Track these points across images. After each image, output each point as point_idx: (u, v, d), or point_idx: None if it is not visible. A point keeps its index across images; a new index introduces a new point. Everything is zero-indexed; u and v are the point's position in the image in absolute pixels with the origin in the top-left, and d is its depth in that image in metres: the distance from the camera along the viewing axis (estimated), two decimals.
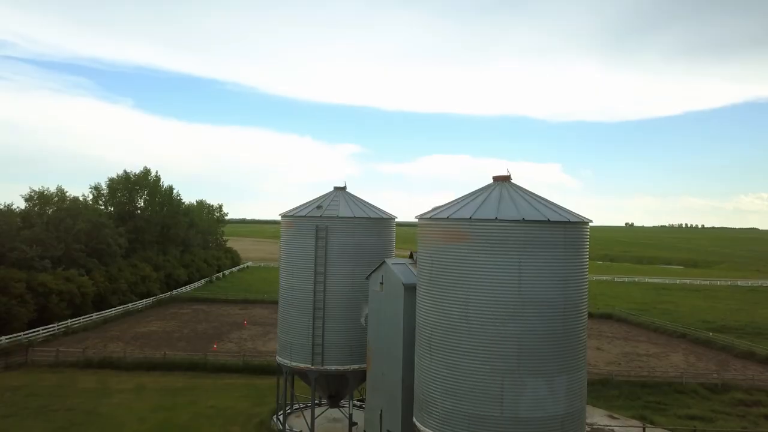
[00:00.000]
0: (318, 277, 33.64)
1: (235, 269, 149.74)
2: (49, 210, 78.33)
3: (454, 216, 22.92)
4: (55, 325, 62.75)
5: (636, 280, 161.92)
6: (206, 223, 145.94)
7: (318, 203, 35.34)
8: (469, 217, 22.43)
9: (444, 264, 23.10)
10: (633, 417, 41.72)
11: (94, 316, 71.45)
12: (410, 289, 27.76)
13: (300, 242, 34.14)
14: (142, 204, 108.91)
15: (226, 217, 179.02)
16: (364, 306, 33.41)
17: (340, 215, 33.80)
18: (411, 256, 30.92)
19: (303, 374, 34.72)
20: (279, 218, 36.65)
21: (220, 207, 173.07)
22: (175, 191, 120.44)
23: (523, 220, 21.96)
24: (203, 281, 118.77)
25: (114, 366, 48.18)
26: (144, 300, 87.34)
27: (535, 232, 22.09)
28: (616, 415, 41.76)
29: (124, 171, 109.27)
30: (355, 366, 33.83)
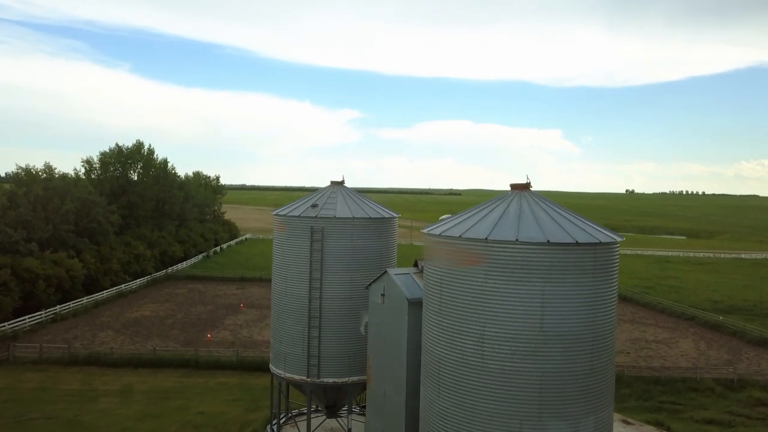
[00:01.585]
0: (314, 282, 30.80)
1: (233, 242, 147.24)
2: (37, 189, 75.04)
3: (467, 235, 19.93)
4: (42, 312, 60.21)
5: (639, 252, 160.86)
6: (203, 196, 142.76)
7: (314, 200, 32.29)
8: (485, 237, 19.44)
9: (455, 290, 20.21)
10: (648, 422, 39.44)
11: (85, 300, 68.94)
12: (415, 305, 24.98)
13: (294, 245, 31.20)
14: (135, 178, 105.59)
15: (225, 184, 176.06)
16: (363, 313, 30.70)
17: (337, 216, 30.77)
18: (415, 264, 28.07)
19: (298, 384, 32.24)
20: (279, 184, 33.71)
21: (217, 178, 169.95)
22: (170, 164, 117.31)
23: (548, 243, 18.99)
24: (200, 256, 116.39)
25: (101, 363, 45.73)
26: (138, 280, 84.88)
27: (561, 256, 19.15)
28: (630, 420, 39.49)
29: (116, 144, 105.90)
30: (354, 378, 31.26)
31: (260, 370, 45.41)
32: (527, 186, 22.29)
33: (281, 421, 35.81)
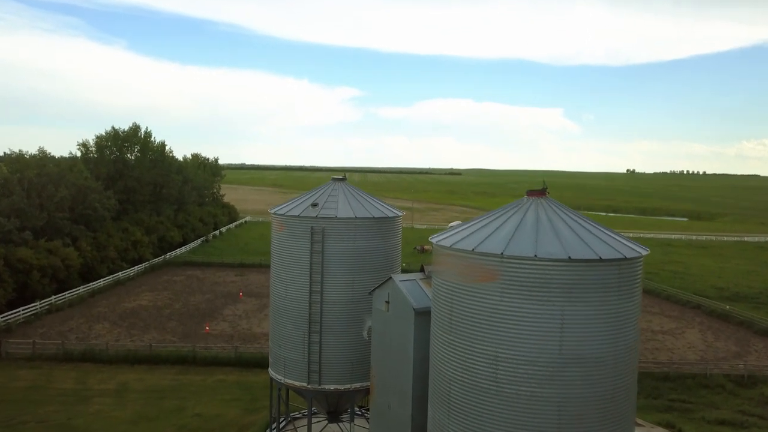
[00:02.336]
0: (314, 286, 29.34)
1: (232, 226, 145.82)
2: (30, 175, 73.25)
3: (481, 249, 18.39)
4: (37, 303, 58.90)
5: (641, 235, 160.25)
6: (201, 178, 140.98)
7: (314, 199, 30.69)
8: (500, 253, 17.91)
9: (467, 307, 18.74)
10: (659, 424, 38.33)
11: (81, 289, 67.63)
12: (422, 314, 23.58)
13: (293, 246, 29.68)
14: (133, 161, 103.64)
15: (223, 163, 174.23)
16: (366, 317, 29.32)
17: (339, 216, 29.20)
18: (422, 270, 26.59)
19: (298, 390, 30.99)
20: (278, 164, 32.13)
21: (216, 160, 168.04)
22: (167, 147, 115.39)
23: (569, 259, 17.47)
24: (199, 241, 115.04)
25: (96, 359, 44.46)
26: (135, 267, 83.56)
27: (583, 274, 17.65)
28: (641, 422, 38.33)
29: (113, 127, 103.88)
30: (357, 384, 29.96)
31: (259, 366, 44.23)
32: (544, 192, 20.70)
33: (281, 425, 34.65)
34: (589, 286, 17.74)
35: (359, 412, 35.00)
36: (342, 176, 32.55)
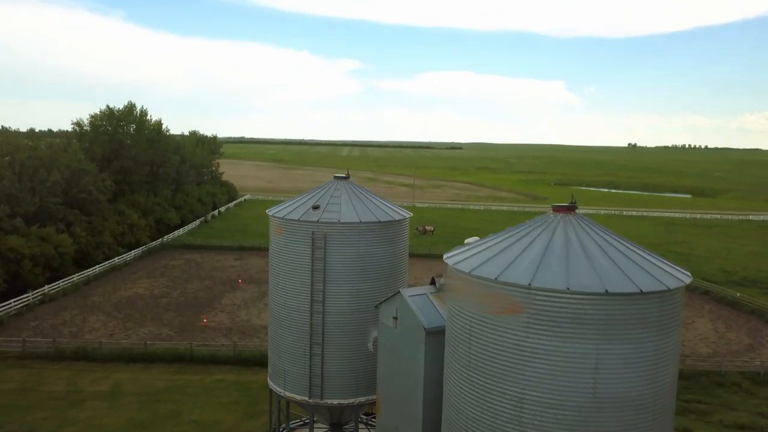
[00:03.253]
0: (315, 295, 27.35)
1: (231, 205, 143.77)
2: (21, 157, 70.85)
3: (505, 278, 16.33)
4: (29, 294, 57.07)
5: (644, 213, 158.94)
6: (200, 157, 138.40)
7: (315, 200, 28.51)
8: (527, 284, 15.86)
9: (489, 343, 16.77)
10: (677, 429, 36.68)
11: (75, 277, 65.75)
12: (434, 335, 21.65)
13: (292, 251, 27.60)
14: (129, 141, 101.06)
15: (223, 136, 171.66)
16: (372, 328, 27.40)
17: (342, 220, 27.06)
18: (432, 282, 24.57)
19: (299, 403, 29.22)
20: (278, 137, 29.86)
21: (215, 137, 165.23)
22: (164, 126, 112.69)
23: (606, 293, 15.43)
24: (197, 222, 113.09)
25: (89, 357, 42.69)
26: (132, 251, 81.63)
27: (621, 308, 15.64)
28: None
29: (107, 106, 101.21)
30: (362, 398, 28.19)
31: (259, 365, 42.57)
32: (573, 208, 18.56)
33: None
34: (627, 321, 15.74)
35: (363, 419, 33.36)
36: (345, 174, 30.32)
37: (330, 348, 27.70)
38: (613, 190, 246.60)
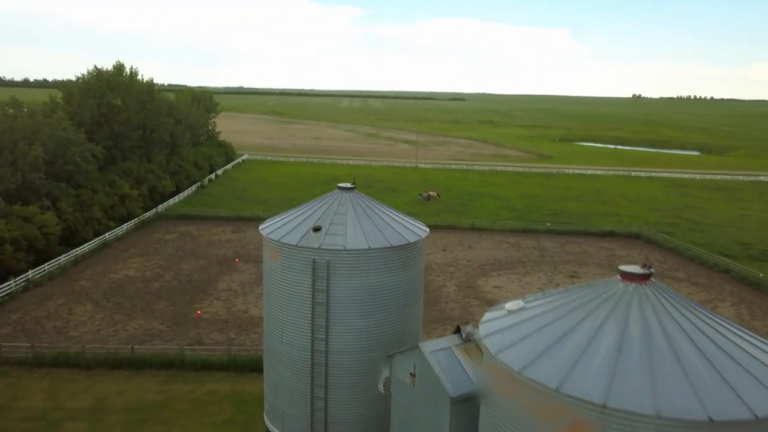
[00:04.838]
0: (317, 331, 23.52)
1: (229, 167, 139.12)
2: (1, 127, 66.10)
3: (568, 390, 12.34)
4: (12, 282, 53.38)
5: (653, 174, 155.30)
6: (195, 116, 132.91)
7: (316, 217, 24.33)
8: (601, 403, 11.89)
9: None
10: None
11: (63, 258, 61.99)
12: (462, 403, 17.91)
13: (289, 280, 23.64)
14: (119, 103, 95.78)
15: (221, 86, 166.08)
16: (383, 368, 23.70)
17: (348, 247, 22.95)
18: (457, 331, 20.64)
19: None
20: (277, 87, 25.86)
21: (211, 96, 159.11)
22: (156, 85, 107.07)
23: (711, 421, 11.47)
24: (194, 188, 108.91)
25: (70, 364, 39.21)
26: (124, 225, 77.63)
27: None
28: None
29: (95, 67, 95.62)
30: None
31: (255, 370, 39.11)
32: (648, 277, 14.39)
33: None
34: None
35: None
36: (351, 184, 26.02)
37: (334, 390, 24.09)
38: (620, 147, 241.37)
